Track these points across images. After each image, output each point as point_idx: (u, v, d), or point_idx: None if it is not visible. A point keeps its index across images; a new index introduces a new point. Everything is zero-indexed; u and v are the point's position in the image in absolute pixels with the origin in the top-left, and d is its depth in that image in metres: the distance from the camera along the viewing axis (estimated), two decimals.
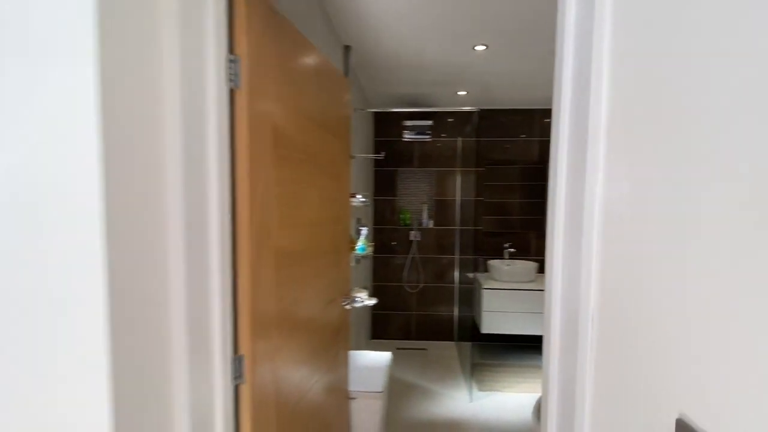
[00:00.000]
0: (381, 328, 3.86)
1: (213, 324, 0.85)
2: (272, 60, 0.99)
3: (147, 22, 0.67)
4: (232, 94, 0.88)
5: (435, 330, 3.83)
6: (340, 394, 1.62)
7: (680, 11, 0.45)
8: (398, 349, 3.63)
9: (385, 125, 3.71)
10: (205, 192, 0.81)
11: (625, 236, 0.56)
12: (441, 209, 3.74)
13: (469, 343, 3.26)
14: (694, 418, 0.42)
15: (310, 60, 1.23)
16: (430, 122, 3.55)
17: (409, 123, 3.58)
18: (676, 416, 0.44)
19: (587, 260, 0.64)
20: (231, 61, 0.86)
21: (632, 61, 0.55)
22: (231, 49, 0.87)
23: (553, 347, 0.75)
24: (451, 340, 3.80)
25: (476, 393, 2.78)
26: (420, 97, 3.36)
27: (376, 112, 3.65)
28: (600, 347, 0.62)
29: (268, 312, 1.00)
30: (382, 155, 3.26)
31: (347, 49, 2.24)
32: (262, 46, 0.94)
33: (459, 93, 3.21)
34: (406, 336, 3.85)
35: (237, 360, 0.91)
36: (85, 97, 0.56)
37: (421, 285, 3.80)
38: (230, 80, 0.86)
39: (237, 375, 0.91)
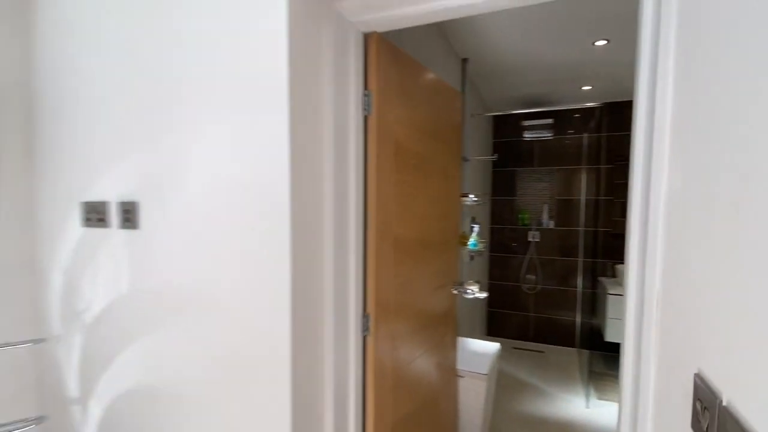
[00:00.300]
0: (496, 326, 3.91)
1: (350, 289, 1.17)
2: (394, 89, 1.27)
3: (314, 78, 1.01)
4: (365, 119, 1.18)
5: (554, 334, 3.71)
6: (449, 371, 1.83)
7: (727, 39, 0.55)
8: (514, 348, 3.64)
9: (504, 126, 3.74)
10: (347, 190, 1.13)
11: (676, 224, 0.65)
12: (563, 209, 3.60)
13: (590, 351, 3.09)
14: (708, 374, 0.53)
15: (424, 81, 1.48)
16: (550, 120, 3.47)
17: (528, 123, 3.56)
18: (695, 371, 0.55)
19: (653, 247, 0.73)
20: (365, 95, 1.16)
21: (691, 71, 0.64)
22: (365, 85, 1.17)
23: (628, 332, 0.84)
24: (572, 346, 3.63)
25: (594, 401, 2.66)
26: (540, 96, 3.32)
27: (494, 115, 3.72)
28: (662, 325, 0.71)
29: (387, 285, 1.28)
30: (495, 157, 3.33)
31: (464, 61, 2.42)
32: (387, 81, 1.22)
33: (583, 88, 3.08)
34: (523, 336, 3.82)
35: (365, 317, 1.21)
36: (281, 131, 0.91)
37: (539, 287, 3.72)
38: (364, 109, 1.16)
39: (365, 328, 1.21)
